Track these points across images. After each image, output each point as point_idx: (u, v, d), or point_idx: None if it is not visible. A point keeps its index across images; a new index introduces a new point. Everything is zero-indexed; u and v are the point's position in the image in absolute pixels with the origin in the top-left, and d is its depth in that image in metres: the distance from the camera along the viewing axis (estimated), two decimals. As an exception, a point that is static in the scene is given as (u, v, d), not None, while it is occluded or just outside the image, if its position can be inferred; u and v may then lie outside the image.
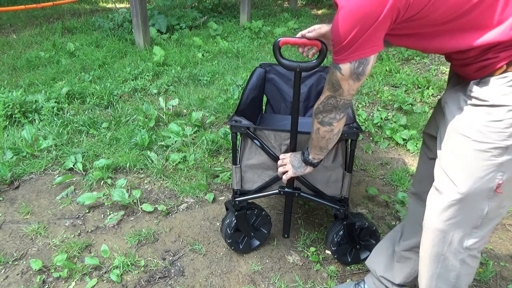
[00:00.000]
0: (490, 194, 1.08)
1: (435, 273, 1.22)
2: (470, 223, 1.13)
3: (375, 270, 1.57)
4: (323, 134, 1.30)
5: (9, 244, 1.98)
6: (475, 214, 1.11)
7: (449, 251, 1.17)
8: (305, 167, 1.51)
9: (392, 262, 1.53)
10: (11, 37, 5.38)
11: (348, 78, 1.11)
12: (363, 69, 1.08)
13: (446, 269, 1.20)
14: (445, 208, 1.12)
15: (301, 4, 8.11)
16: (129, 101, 3.55)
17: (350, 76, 1.10)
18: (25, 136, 2.77)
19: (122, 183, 2.37)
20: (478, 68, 1.06)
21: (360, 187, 2.40)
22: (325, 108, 1.22)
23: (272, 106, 2.42)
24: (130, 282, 1.76)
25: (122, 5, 7.63)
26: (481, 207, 1.10)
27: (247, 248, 1.89)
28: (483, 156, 1.04)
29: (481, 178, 1.05)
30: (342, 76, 1.11)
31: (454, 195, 1.09)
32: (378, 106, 3.38)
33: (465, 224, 1.13)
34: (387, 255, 1.55)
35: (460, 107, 1.11)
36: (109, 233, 2.06)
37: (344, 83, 1.13)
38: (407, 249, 1.47)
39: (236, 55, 4.71)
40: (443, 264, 1.19)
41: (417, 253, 1.46)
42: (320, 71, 2.28)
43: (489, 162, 1.04)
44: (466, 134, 1.07)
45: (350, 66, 1.08)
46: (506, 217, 2.16)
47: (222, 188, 2.41)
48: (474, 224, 1.13)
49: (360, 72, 1.09)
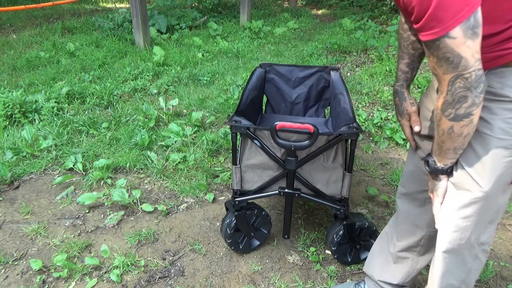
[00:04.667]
0: (505, 188, 1.08)
1: (447, 270, 1.20)
2: (487, 219, 1.12)
3: (372, 275, 1.57)
4: (460, 131, 1.00)
5: (9, 244, 1.98)
6: (492, 209, 1.11)
7: (465, 247, 1.15)
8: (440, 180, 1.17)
9: (388, 264, 1.52)
10: (11, 37, 5.38)
11: (464, 40, 0.88)
12: (475, 17, 0.87)
13: (459, 265, 1.19)
14: (466, 205, 1.09)
15: (301, 4, 8.11)
16: (129, 101, 3.55)
17: (465, 35, 0.87)
18: (25, 136, 2.77)
19: (122, 183, 2.37)
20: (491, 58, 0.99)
21: (360, 187, 2.40)
22: (456, 95, 0.94)
23: (272, 106, 2.42)
24: (130, 282, 1.77)
25: (122, 5, 7.63)
26: (498, 202, 1.10)
27: (247, 248, 1.89)
28: (505, 153, 1.02)
29: (502, 175, 1.05)
30: (456, 41, 0.88)
31: (477, 193, 1.07)
32: (378, 106, 3.38)
33: (484, 220, 1.12)
34: (382, 258, 1.54)
35: None
36: (109, 233, 2.06)
37: (463, 48, 0.89)
38: (404, 249, 1.46)
39: (236, 55, 4.71)
40: (457, 260, 1.18)
41: (414, 252, 1.45)
42: (320, 71, 2.28)
43: (510, 158, 1.03)
44: (486, 132, 1.03)
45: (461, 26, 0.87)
46: (506, 217, 2.16)
47: (222, 188, 2.41)
48: (490, 219, 1.13)
49: (473, 24, 0.87)
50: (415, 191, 1.37)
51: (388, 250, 1.51)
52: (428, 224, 1.39)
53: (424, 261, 1.47)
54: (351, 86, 3.76)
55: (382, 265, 1.54)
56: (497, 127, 1.01)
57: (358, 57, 4.62)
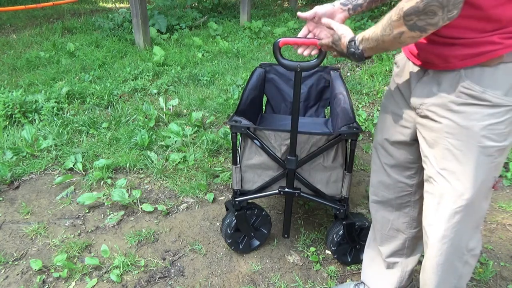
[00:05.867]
0: (488, 193, 1.07)
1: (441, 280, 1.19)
2: (473, 225, 1.12)
3: (369, 285, 1.57)
4: (405, 40, 0.96)
5: (9, 244, 1.98)
6: (478, 215, 1.10)
7: (455, 255, 1.14)
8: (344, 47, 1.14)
9: (382, 271, 1.51)
10: (11, 37, 5.38)
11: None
12: None
13: (450, 273, 1.19)
14: (452, 215, 1.08)
15: (301, 4, 8.11)
16: (129, 101, 3.55)
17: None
18: (25, 136, 2.77)
19: (122, 183, 2.37)
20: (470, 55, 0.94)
21: (360, 187, 2.40)
22: (428, 7, 0.86)
23: (272, 106, 2.42)
24: (130, 282, 1.76)
25: (122, 5, 7.63)
26: (482, 207, 1.09)
27: (247, 248, 1.89)
28: (488, 160, 1.01)
29: (484, 181, 1.04)
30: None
31: (460, 202, 1.05)
32: (378, 106, 3.38)
33: (470, 226, 1.11)
34: (375, 266, 1.54)
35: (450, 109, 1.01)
36: (109, 233, 2.06)
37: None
38: (390, 255, 1.46)
39: (236, 55, 4.71)
40: (448, 269, 1.17)
41: (401, 256, 1.45)
42: (320, 71, 2.28)
43: (492, 164, 1.02)
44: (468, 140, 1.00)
45: None
46: (506, 217, 2.16)
47: (222, 188, 2.41)
48: (476, 225, 1.13)
49: None
50: (388, 198, 1.36)
51: (379, 258, 1.51)
52: (408, 225, 1.38)
53: (412, 262, 1.47)
54: (351, 86, 3.76)
55: (377, 273, 1.53)
56: (479, 135, 0.98)
57: (358, 57, 4.61)
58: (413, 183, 1.30)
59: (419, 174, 1.28)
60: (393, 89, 1.24)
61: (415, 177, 1.29)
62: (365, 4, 1.24)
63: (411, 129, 1.19)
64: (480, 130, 0.98)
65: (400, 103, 1.21)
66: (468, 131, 0.99)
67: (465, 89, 0.97)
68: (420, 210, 1.35)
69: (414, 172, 1.28)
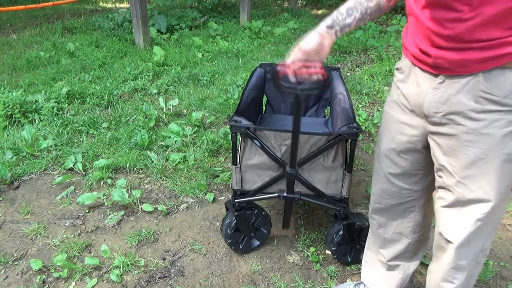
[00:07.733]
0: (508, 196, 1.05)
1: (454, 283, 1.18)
2: (494, 228, 1.10)
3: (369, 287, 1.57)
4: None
5: (9, 244, 1.98)
6: (499, 218, 1.09)
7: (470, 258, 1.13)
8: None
9: (383, 274, 1.51)
10: (11, 37, 5.38)
11: None
12: None
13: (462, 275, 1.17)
14: (474, 223, 1.05)
15: (301, 4, 8.11)
16: (129, 101, 3.55)
17: None
18: (25, 136, 2.77)
19: (122, 183, 2.37)
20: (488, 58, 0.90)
21: (360, 187, 2.40)
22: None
23: (272, 106, 2.43)
24: (130, 282, 1.77)
25: (122, 5, 7.63)
26: (503, 210, 1.08)
27: (247, 248, 1.89)
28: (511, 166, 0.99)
29: (507, 187, 1.02)
30: None
31: (484, 210, 1.02)
32: (378, 106, 3.38)
33: (490, 230, 1.09)
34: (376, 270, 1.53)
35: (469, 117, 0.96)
36: (109, 233, 2.06)
37: None
38: (392, 258, 1.45)
39: (236, 55, 4.71)
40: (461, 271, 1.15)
41: (404, 259, 1.45)
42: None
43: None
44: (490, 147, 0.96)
45: None
46: (506, 217, 2.16)
47: (222, 188, 2.41)
48: (495, 227, 1.11)
49: None
50: (392, 204, 1.34)
51: (380, 260, 1.50)
52: (412, 230, 1.37)
53: (414, 265, 1.47)
54: (351, 86, 3.76)
55: (377, 275, 1.53)
56: (502, 142, 0.95)
57: (358, 57, 4.62)
58: (419, 188, 1.28)
59: (425, 179, 1.26)
60: (397, 96, 1.20)
61: (421, 183, 1.26)
62: (354, 23, 1.20)
63: (420, 137, 1.16)
64: (503, 137, 0.94)
65: (406, 110, 1.17)
66: (490, 139, 0.96)
67: (484, 93, 0.93)
68: (425, 214, 1.34)
69: (420, 177, 1.25)
